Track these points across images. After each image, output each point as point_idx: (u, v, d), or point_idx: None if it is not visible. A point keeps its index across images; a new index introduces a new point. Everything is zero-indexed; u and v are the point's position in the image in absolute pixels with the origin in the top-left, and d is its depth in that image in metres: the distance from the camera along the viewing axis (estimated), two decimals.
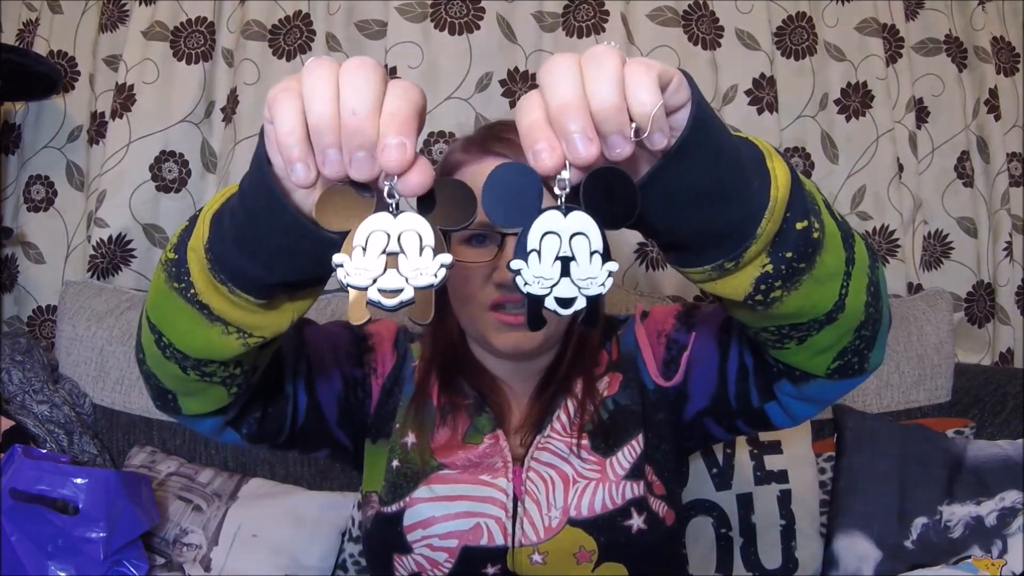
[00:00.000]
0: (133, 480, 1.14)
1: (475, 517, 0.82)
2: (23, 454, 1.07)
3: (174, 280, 0.58)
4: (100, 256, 1.74)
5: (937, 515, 1.32)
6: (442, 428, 0.87)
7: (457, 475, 0.83)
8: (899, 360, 1.58)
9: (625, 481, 0.82)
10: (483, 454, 0.84)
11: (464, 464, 0.84)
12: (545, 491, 0.82)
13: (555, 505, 0.81)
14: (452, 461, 0.84)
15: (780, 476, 1.39)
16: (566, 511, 0.81)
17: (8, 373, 1.46)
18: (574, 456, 0.83)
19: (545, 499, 0.82)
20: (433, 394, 0.89)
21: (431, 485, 0.83)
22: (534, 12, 1.78)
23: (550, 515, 0.81)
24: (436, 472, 0.84)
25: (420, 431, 0.86)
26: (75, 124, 1.84)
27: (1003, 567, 1.14)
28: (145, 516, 1.12)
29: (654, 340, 0.90)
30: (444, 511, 0.82)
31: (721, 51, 1.80)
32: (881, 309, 0.63)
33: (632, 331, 0.92)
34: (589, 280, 0.47)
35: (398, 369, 0.91)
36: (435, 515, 0.82)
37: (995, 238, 1.87)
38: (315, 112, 0.44)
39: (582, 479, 0.82)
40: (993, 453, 1.37)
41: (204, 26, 1.80)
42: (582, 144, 0.42)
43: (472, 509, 0.82)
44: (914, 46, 1.88)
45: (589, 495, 0.81)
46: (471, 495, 0.82)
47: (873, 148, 1.82)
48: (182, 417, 0.72)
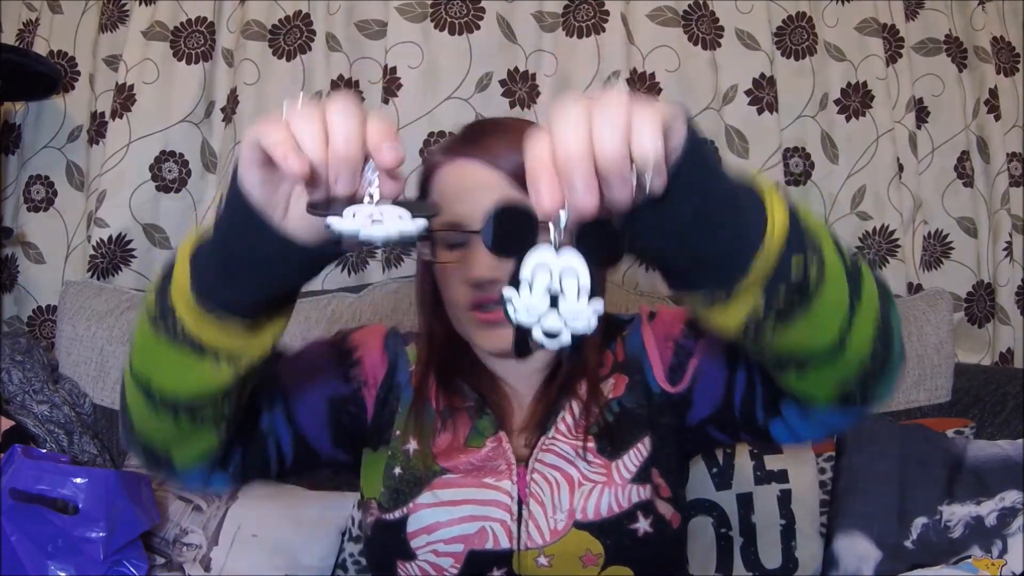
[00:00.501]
0: (133, 480, 1.14)
1: (480, 521, 0.81)
2: (23, 454, 1.07)
3: (161, 322, 0.61)
4: (100, 256, 1.74)
5: (937, 515, 1.32)
6: (443, 432, 0.86)
7: (460, 479, 0.83)
8: None
9: (632, 484, 0.82)
10: (486, 457, 0.84)
11: (467, 468, 0.83)
12: (551, 493, 0.81)
13: (560, 508, 0.81)
14: (455, 465, 0.84)
15: (780, 476, 1.39)
16: (572, 514, 0.80)
17: (8, 373, 1.46)
18: (579, 458, 0.83)
19: (551, 501, 0.81)
20: (432, 397, 0.88)
21: (435, 490, 0.82)
22: (534, 12, 1.78)
23: (556, 518, 0.81)
24: (439, 477, 0.83)
25: (421, 436, 0.85)
26: (75, 124, 1.84)
27: (1003, 567, 1.14)
28: (145, 516, 1.12)
29: (661, 344, 0.89)
30: (448, 516, 0.81)
31: (721, 51, 1.80)
32: (892, 348, 0.65)
33: (639, 332, 0.91)
34: (575, 316, 0.49)
35: (391, 376, 0.90)
36: (439, 520, 0.81)
37: (995, 238, 1.87)
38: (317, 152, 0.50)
39: (588, 482, 0.82)
40: (993, 453, 1.37)
41: (204, 26, 1.80)
42: (583, 194, 0.45)
43: (476, 513, 0.81)
44: (914, 46, 1.88)
45: (596, 498, 0.81)
46: (475, 499, 0.82)
47: (873, 148, 1.82)
48: (174, 474, 0.74)
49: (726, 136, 1.80)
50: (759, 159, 1.80)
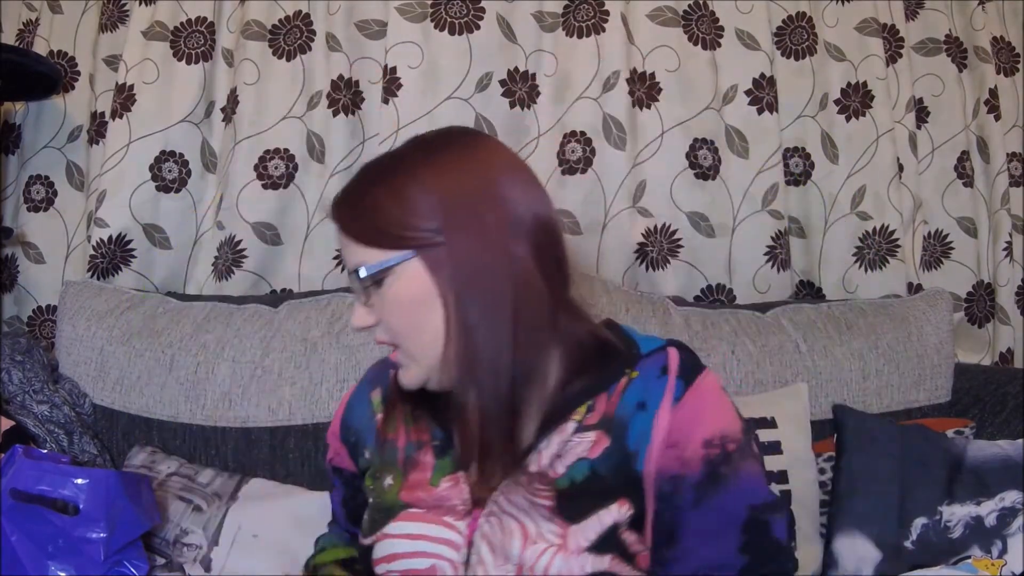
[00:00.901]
0: (133, 480, 1.14)
1: (432, 558, 0.80)
2: (24, 454, 1.07)
3: None
4: (100, 256, 1.74)
5: (937, 515, 1.32)
6: (414, 469, 0.86)
7: (422, 514, 0.82)
8: (899, 360, 1.58)
9: (588, 554, 0.74)
10: (441, 496, 0.82)
11: (428, 504, 0.83)
12: (502, 540, 0.77)
13: (510, 559, 0.76)
14: (415, 500, 0.84)
15: (780, 477, 1.39)
16: (520, 568, 0.75)
17: (8, 373, 1.46)
18: (536, 513, 0.77)
19: (501, 549, 0.77)
20: (401, 435, 0.89)
21: (400, 522, 0.83)
22: (534, 12, 1.78)
23: (505, 567, 0.76)
24: (404, 510, 0.84)
25: (395, 473, 0.87)
26: (75, 124, 1.84)
27: (1003, 567, 1.14)
28: (145, 516, 1.12)
29: (668, 443, 0.76)
30: (406, 548, 0.82)
31: (721, 51, 1.80)
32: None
33: (659, 398, 0.77)
34: None
35: (358, 449, 0.95)
36: (397, 552, 0.82)
37: (995, 238, 1.87)
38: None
39: (541, 540, 0.75)
40: (993, 453, 1.37)
41: (204, 26, 1.80)
42: None
43: (430, 550, 0.81)
44: (914, 46, 1.88)
45: (546, 559, 0.74)
46: (430, 535, 0.81)
47: (873, 148, 1.82)
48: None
49: (726, 136, 1.80)
50: (759, 159, 1.80)
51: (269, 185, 1.75)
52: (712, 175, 1.79)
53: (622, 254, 1.77)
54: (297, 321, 1.56)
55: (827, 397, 1.54)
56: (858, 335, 1.58)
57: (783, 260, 1.81)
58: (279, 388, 1.51)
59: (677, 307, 1.63)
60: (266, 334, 1.55)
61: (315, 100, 1.75)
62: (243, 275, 1.77)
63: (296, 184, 1.76)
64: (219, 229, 1.77)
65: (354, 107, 1.78)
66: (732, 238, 1.80)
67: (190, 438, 1.52)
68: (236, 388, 1.51)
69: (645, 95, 1.79)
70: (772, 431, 1.43)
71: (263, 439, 1.51)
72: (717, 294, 1.81)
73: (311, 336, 1.54)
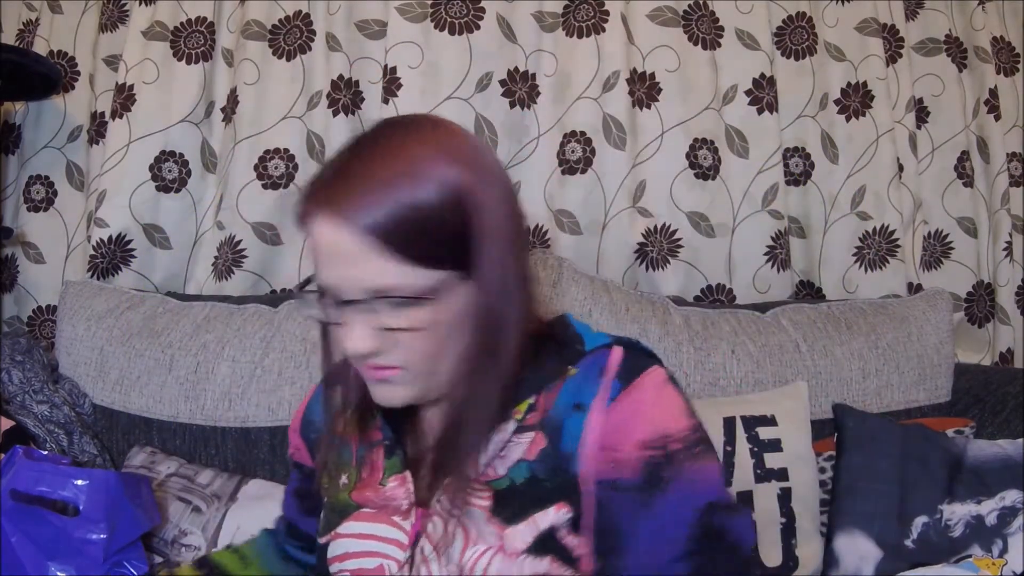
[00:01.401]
0: (133, 481, 1.14)
1: (379, 557, 0.80)
2: (24, 455, 1.07)
3: None
4: (100, 256, 1.74)
5: (937, 514, 1.32)
6: (366, 469, 0.84)
7: (372, 514, 0.82)
8: (899, 360, 1.58)
9: (525, 556, 0.71)
10: (388, 496, 0.81)
11: (377, 504, 0.82)
12: (444, 540, 0.74)
13: (452, 559, 0.74)
14: (364, 500, 0.83)
15: (780, 474, 1.39)
16: (461, 568, 0.73)
17: (8, 373, 1.46)
18: (477, 513, 0.74)
19: (444, 548, 0.75)
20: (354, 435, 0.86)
21: (351, 522, 0.83)
22: (534, 12, 1.78)
23: (448, 568, 0.74)
24: (356, 510, 0.83)
25: (347, 473, 0.86)
26: (75, 124, 1.84)
27: (1003, 566, 1.14)
28: (145, 517, 1.12)
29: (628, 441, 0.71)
30: (356, 548, 0.81)
31: (721, 51, 1.80)
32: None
33: (591, 398, 0.73)
34: None
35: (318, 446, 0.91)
36: (349, 551, 0.82)
37: (995, 238, 1.87)
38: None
39: (481, 543, 0.73)
40: (993, 453, 1.37)
41: (204, 26, 1.80)
42: None
43: (377, 549, 0.80)
44: (914, 46, 1.88)
45: (485, 561, 0.72)
46: (379, 535, 0.81)
47: (873, 148, 1.82)
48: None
49: (726, 136, 1.80)
50: (759, 159, 1.80)
51: (269, 185, 1.75)
52: (712, 175, 1.79)
53: (622, 254, 1.77)
54: (297, 321, 1.56)
55: (827, 397, 1.54)
56: (858, 335, 1.58)
57: (783, 260, 1.81)
58: (279, 388, 1.51)
59: (677, 307, 1.63)
60: (266, 334, 1.55)
61: (315, 100, 1.75)
62: (243, 275, 1.77)
63: (296, 184, 1.76)
64: (219, 229, 1.77)
65: (354, 107, 1.78)
66: (732, 238, 1.80)
67: (190, 438, 1.52)
68: (236, 388, 1.51)
69: (645, 95, 1.79)
70: (772, 428, 1.43)
71: (263, 439, 1.51)
72: (717, 294, 1.81)
73: (311, 336, 1.54)
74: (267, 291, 1.79)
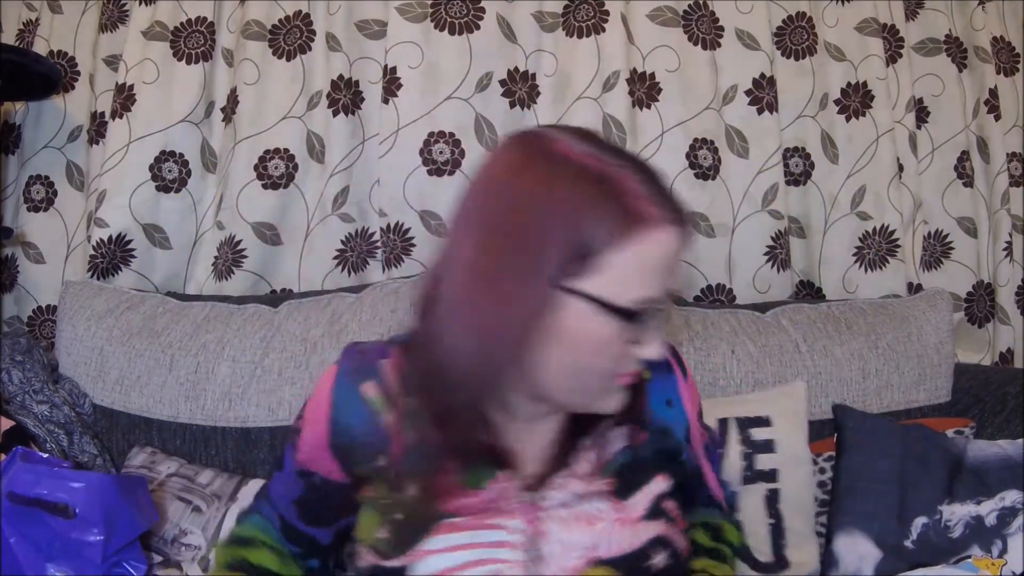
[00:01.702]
0: (129, 482, 1.14)
1: (490, 564, 0.78)
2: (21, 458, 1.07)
3: None
4: (100, 256, 1.74)
5: (937, 515, 1.32)
6: (442, 473, 0.80)
7: (467, 522, 0.79)
8: (899, 360, 1.58)
9: (644, 521, 0.81)
10: (490, 499, 0.80)
11: (471, 510, 0.80)
12: (564, 531, 0.79)
13: (576, 545, 0.79)
14: (458, 508, 0.79)
15: (769, 475, 1.39)
16: (589, 550, 0.79)
17: (8, 373, 1.46)
18: (593, 498, 0.81)
19: (565, 539, 0.79)
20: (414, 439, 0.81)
21: (441, 535, 0.78)
22: (534, 12, 1.78)
23: (572, 555, 0.79)
24: (443, 522, 0.79)
25: (420, 481, 0.81)
26: (75, 124, 1.84)
27: (1003, 567, 1.14)
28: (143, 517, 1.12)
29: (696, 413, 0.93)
30: (457, 561, 0.78)
31: (721, 51, 1.80)
32: None
33: (674, 386, 0.90)
34: None
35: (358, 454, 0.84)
36: (449, 566, 0.77)
37: (995, 238, 1.87)
38: None
39: (602, 520, 0.80)
40: (993, 453, 1.37)
41: (204, 26, 1.80)
42: None
43: (486, 556, 0.78)
44: (914, 46, 1.88)
45: (612, 535, 0.80)
46: (483, 541, 0.79)
47: (873, 148, 1.82)
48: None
49: (726, 136, 1.80)
50: (759, 159, 1.80)
51: (269, 185, 1.75)
52: (712, 175, 1.79)
53: None
54: (297, 321, 1.56)
55: (827, 397, 1.54)
56: (858, 335, 1.58)
57: (783, 260, 1.81)
58: (279, 388, 1.51)
59: (677, 307, 1.63)
60: (266, 334, 1.55)
61: (315, 100, 1.75)
62: (243, 275, 1.77)
63: (296, 184, 1.76)
64: (219, 229, 1.77)
65: (354, 107, 1.78)
66: (732, 238, 1.80)
67: (190, 438, 1.52)
68: (236, 388, 1.51)
69: (645, 95, 1.79)
70: (767, 429, 1.43)
71: (263, 439, 1.51)
72: (717, 294, 1.81)
73: (311, 336, 1.54)
74: (267, 291, 1.79)
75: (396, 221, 1.76)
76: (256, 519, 0.95)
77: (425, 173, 1.75)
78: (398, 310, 1.54)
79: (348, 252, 1.79)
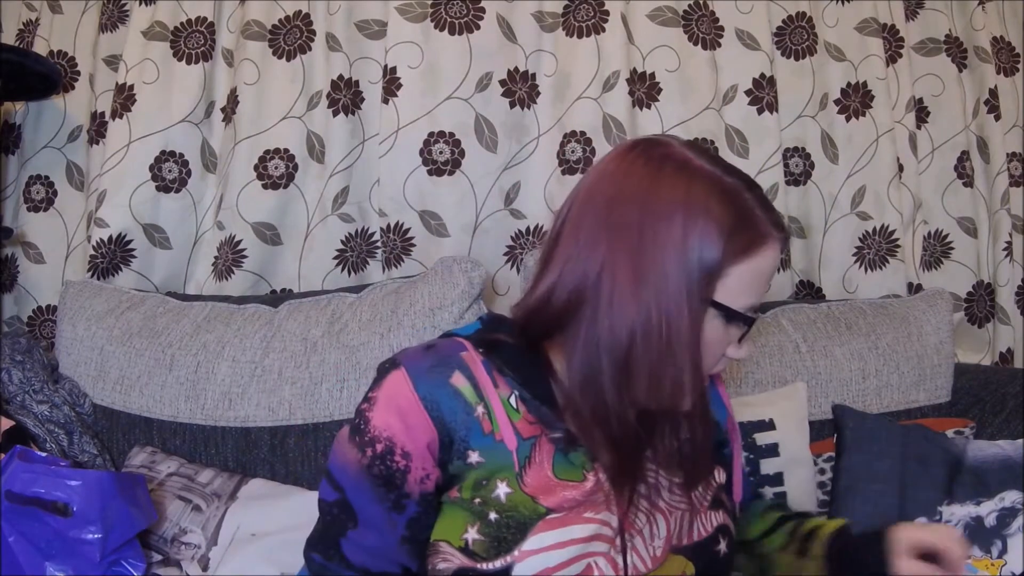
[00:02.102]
0: (128, 481, 1.14)
1: (586, 558, 0.78)
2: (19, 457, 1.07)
3: None
4: (100, 256, 1.74)
5: (937, 515, 1.32)
6: (532, 469, 0.79)
7: (564, 518, 0.78)
8: (899, 360, 1.58)
9: (710, 511, 0.86)
10: (590, 491, 0.80)
11: (574, 503, 0.79)
12: (648, 522, 0.83)
13: (658, 535, 0.83)
14: (559, 503, 0.78)
15: (775, 479, 1.39)
16: (669, 539, 0.83)
17: (8, 373, 1.46)
18: (665, 490, 0.85)
19: (648, 530, 0.83)
20: (506, 432, 0.79)
21: (540, 534, 0.76)
22: (534, 12, 1.78)
23: (654, 544, 0.82)
24: (543, 518, 0.77)
25: (510, 479, 0.78)
26: (75, 124, 1.85)
27: (1003, 567, 1.14)
28: (141, 516, 1.12)
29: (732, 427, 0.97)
30: (557, 559, 0.76)
31: (721, 51, 1.80)
32: None
33: (719, 392, 0.97)
34: None
35: (455, 450, 0.79)
36: (550, 565, 0.76)
37: (995, 238, 1.87)
38: None
39: (677, 510, 0.85)
40: (993, 453, 1.37)
41: (204, 26, 1.80)
42: None
43: (582, 551, 0.78)
44: (914, 46, 1.88)
45: (687, 525, 0.85)
46: (579, 537, 0.78)
47: (873, 148, 1.82)
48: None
49: (726, 136, 1.80)
50: (759, 159, 1.80)
51: (269, 185, 1.75)
52: None
53: None
54: (297, 321, 1.56)
55: (827, 397, 1.54)
56: (858, 335, 1.58)
57: (783, 260, 1.81)
58: (279, 388, 1.51)
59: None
60: (266, 334, 1.55)
61: (315, 100, 1.75)
62: (243, 275, 1.77)
63: (296, 184, 1.76)
64: (219, 229, 1.77)
65: (354, 107, 1.78)
66: None
67: (190, 438, 1.52)
68: (236, 388, 1.51)
69: (645, 95, 1.79)
70: (770, 433, 1.43)
71: (263, 439, 1.51)
72: None
73: (311, 336, 1.54)
74: (267, 291, 1.79)
75: (396, 221, 1.76)
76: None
77: (425, 173, 1.75)
78: (398, 310, 1.54)
79: (348, 252, 1.80)
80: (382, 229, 1.77)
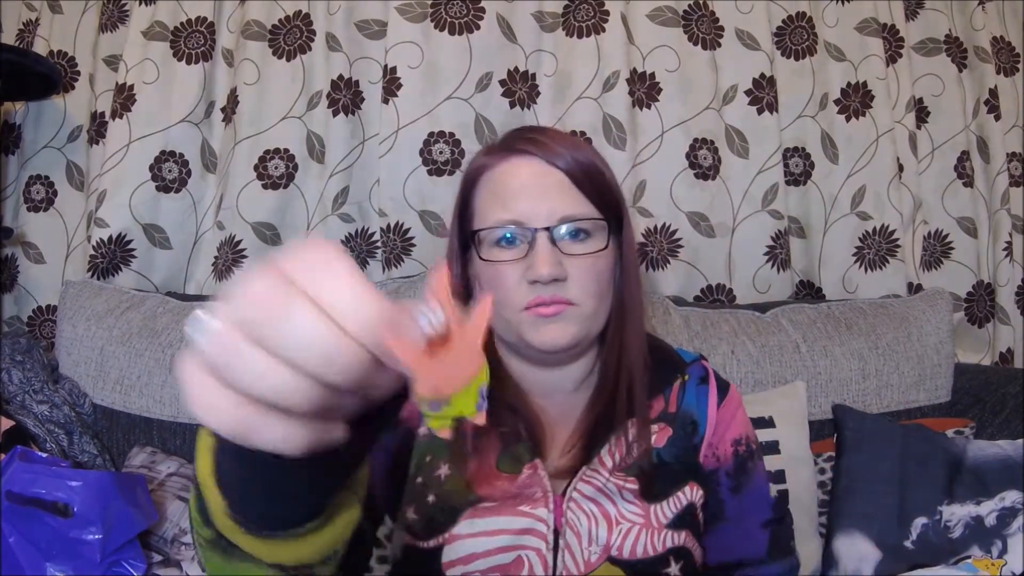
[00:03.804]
0: (128, 481, 1.14)
1: (516, 550, 0.79)
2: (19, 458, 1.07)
3: (223, 552, 0.48)
4: (100, 256, 1.74)
5: (937, 515, 1.32)
6: (474, 459, 0.82)
7: (497, 507, 0.80)
8: (899, 360, 1.58)
9: (668, 530, 0.82)
10: (523, 484, 0.81)
11: (503, 495, 0.81)
12: (588, 525, 0.81)
13: (596, 540, 0.81)
14: (491, 493, 0.80)
15: (777, 476, 1.39)
16: (607, 549, 0.80)
17: (8, 373, 1.46)
18: (619, 497, 0.82)
19: (587, 533, 0.80)
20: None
21: (471, 519, 0.80)
22: (534, 12, 1.78)
23: (590, 549, 0.80)
24: (475, 506, 0.80)
25: (450, 463, 0.82)
26: (75, 124, 1.85)
27: (1003, 567, 1.14)
28: (142, 516, 1.12)
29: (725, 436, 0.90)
30: (485, 547, 0.79)
31: (721, 51, 1.80)
32: None
33: (704, 399, 0.90)
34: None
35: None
36: (476, 551, 0.79)
37: (995, 238, 1.87)
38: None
39: (626, 521, 0.82)
40: (993, 453, 1.37)
41: (204, 26, 1.80)
42: None
43: (513, 543, 0.79)
44: (914, 46, 1.88)
45: (632, 538, 0.81)
46: (511, 528, 0.80)
47: (873, 148, 1.82)
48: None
49: (726, 136, 1.80)
50: (759, 159, 1.80)
51: (269, 185, 1.75)
52: (712, 175, 1.79)
53: None
54: None
55: (827, 397, 1.54)
56: (858, 335, 1.58)
57: (783, 260, 1.81)
58: None
59: (677, 307, 1.63)
60: None
61: (315, 100, 1.75)
62: None
63: (296, 184, 1.76)
64: (219, 229, 1.77)
65: (354, 107, 1.78)
66: (732, 238, 1.80)
67: (190, 438, 1.52)
68: None
69: (645, 95, 1.79)
70: (770, 431, 1.43)
71: None
72: (717, 294, 1.81)
73: None
74: None
75: (396, 221, 1.76)
76: None
77: (425, 173, 1.75)
78: None
79: (348, 252, 1.79)
80: (382, 229, 1.77)
